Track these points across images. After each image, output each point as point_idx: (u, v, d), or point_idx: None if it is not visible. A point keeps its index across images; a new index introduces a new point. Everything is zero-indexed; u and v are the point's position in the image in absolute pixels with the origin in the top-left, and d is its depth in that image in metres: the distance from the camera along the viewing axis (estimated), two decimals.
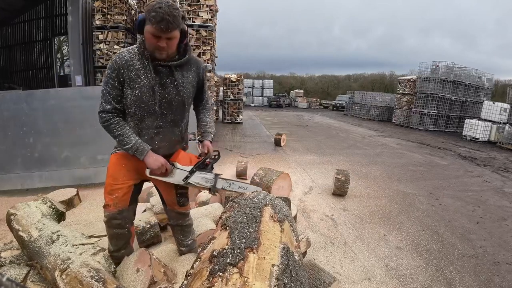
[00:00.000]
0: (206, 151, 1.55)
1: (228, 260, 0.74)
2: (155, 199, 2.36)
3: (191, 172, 1.50)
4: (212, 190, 1.56)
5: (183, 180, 1.49)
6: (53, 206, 1.95)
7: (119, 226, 1.52)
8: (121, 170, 1.46)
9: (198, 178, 1.53)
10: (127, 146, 1.36)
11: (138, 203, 1.65)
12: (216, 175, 1.58)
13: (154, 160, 1.39)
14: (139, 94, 1.33)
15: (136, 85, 1.32)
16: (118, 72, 1.30)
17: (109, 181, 1.48)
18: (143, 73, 1.32)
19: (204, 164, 1.56)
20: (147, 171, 1.46)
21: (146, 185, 1.85)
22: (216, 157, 1.64)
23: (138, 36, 1.38)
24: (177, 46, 1.36)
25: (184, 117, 1.53)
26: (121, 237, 1.57)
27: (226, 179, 1.61)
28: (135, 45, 1.37)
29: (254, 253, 0.77)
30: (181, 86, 1.40)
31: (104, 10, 6.94)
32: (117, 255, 1.58)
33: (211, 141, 1.60)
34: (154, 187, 1.86)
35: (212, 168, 1.62)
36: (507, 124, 10.48)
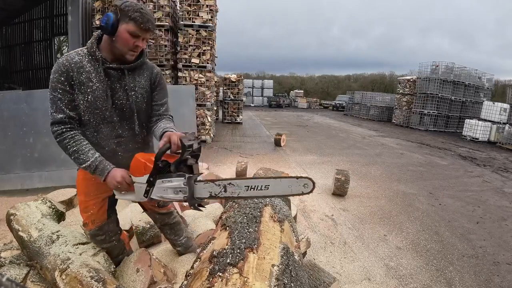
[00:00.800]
0: (166, 141, 1.13)
1: (228, 260, 0.74)
2: None
3: (149, 184, 1.11)
4: (190, 203, 1.07)
5: (144, 196, 1.14)
6: (53, 206, 1.95)
7: (104, 241, 1.49)
8: (92, 185, 1.34)
9: (161, 190, 1.10)
10: (84, 165, 1.19)
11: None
12: (190, 177, 1.06)
13: (111, 178, 1.20)
14: (92, 99, 1.21)
15: (88, 90, 1.20)
16: (67, 75, 1.17)
17: (81, 198, 1.39)
18: (94, 76, 1.21)
19: (164, 165, 1.09)
20: (114, 191, 1.26)
21: None
22: (191, 147, 1.07)
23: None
24: None
25: (143, 125, 1.38)
26: (112, 249, 1.55)
27: (215, 182, 1.06)
28: (84, 47, 1.26)
29: (254, 253, 0.77)
30: (132, 90, 1.29)
31: (104, 10, 6.94)
32: (116, 260, 1.57)
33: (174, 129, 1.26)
34: None
35: (189, 167, 1.10)
36: (507, 124, 10.48)
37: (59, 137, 1.19)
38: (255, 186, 1.01)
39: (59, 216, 1.98)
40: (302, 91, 31.18)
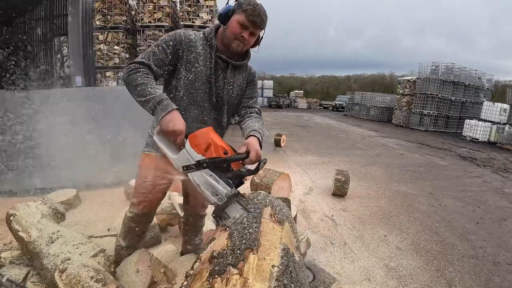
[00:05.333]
0: (245, 149, 1.11)
1: (228, 261, 0.74)
2: None
3: (198, 165, 1.02)
4: (216, 212, 1.05)
5: (183, 167, 1.05)
6: (53, 207, 1.95)
7: (142, 223, 1.54)
8: (155, 173, 1.36)
9: (202, 179, 1.02)
10: (148, 96, 1.10)
11: None
12: (236, 194, 1.03)
13: (168, 121, 1.07)
14: (193, 79, 1.27)
15: (193, 69, 1.27)
16: (178, 44, 1.25)
17: (140, 183, 1.41)
18: (202, 59, 1.28)
19: (225, 165, 1.03)
20: (155, 132, 1.16)
21: None
22: (258, 165, 1.09)
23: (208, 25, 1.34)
24: None
25: (229, 120, 1.45)
26: (140, 232, 1.58)
27: (250, 213, 0.98)
28: (201, 31, 1.34)
29: (254, 254, 0.77)
30: (231, 85, 1.36)
31: (104, 10, 6.95)
32: (126, 253, 1.58)
33: (260, 141, 1.21)
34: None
35: (240, 179, 1.08)
36: (507, 125, 10.49)
37: (132, 72, 1.15)
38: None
39: (59, 217, 1.98)
40: (302, 91, 31.21)
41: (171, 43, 1.24)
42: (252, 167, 1.11)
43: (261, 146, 1.19)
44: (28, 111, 3.38)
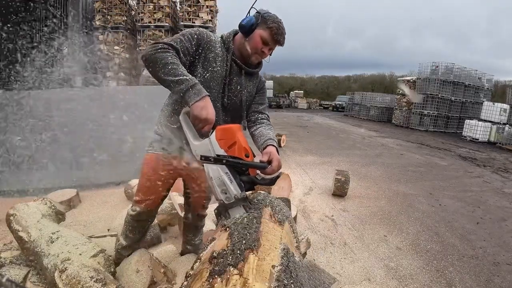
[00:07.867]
0: (267, 159, 1.15)
1: (228, 261, 0.74)
2: None
3: (217, 160, 1.01)
4: (219, 209, 1.05)
5: (201, 156, 1.03)
6: (53, 207, 1.95)
7: (144, 222, 1.54)
8: (159, 173, 1.38)
9: (216, 174, 1.02)
10: (181, 77, 1.05)
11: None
12: (245, 199, 1.03)
13: (201, 107, 1.03)
14: (208, 78, 1.29)
15: (209, 68, 1.30)
16: (201, 40, 1.27)
17: (143, 183, 1.43)
18: (220, 60, 1.31)
19: (244, 168, 1.05)
20: (183, 111, 1.11)
21: None
22: (276, 178, 1.11)
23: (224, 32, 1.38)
24: None
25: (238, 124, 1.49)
26: (141, 231, 1.58)
27: (250, 213, 1.00)
28: (219, 35, 1.38)
29: (254, 254, 0.77)
30: (243, 90, 1.39)
31: (104, 10, 6.96)
32: (127, 253, 1.58)
33: (277, 150, 1.25)
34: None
35: (252, 186, 1.07)
36: (507, 125, 10.49)
37: (161, 50, 1.10)
38: None
39: (59, 217, 1.98)
40: (302, 91, 31.21)
41: (195, 36, 1.26)
42: (266, 175, 1.14)
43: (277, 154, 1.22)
44: (28, 111, 3.38)
